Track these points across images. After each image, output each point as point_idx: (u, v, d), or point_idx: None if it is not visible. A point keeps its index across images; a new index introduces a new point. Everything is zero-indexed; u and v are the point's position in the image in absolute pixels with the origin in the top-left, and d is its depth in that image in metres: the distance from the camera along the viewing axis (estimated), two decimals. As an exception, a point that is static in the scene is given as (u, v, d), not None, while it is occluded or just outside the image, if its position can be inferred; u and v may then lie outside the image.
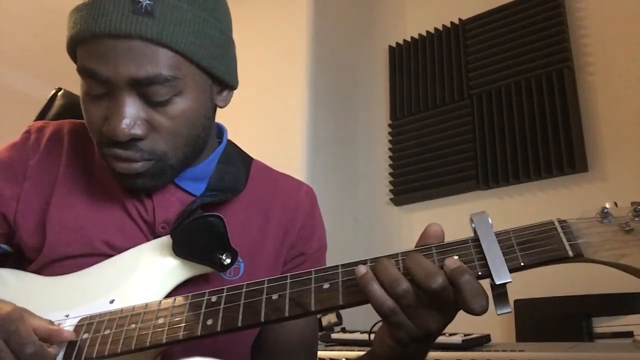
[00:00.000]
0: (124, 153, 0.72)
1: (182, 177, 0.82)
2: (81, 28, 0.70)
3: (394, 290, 0.57)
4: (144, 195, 0.81)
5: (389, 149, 2.70)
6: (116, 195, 0.81)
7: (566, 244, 0.57)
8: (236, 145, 0.94)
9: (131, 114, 0.70)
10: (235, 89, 0.84)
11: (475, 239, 0.60)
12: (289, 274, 0.65)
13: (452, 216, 1.70)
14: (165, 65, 0.70)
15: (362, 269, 0.60)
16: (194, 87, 0.74)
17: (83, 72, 0.72)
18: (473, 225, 0.61)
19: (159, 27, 0.69)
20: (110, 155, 0.74)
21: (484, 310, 0.56)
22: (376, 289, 0.58)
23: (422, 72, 2.70)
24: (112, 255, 0.76)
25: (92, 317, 0.69)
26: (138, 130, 0.71)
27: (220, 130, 0.91)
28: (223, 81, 0.79)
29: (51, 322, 0.67)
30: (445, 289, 0.56)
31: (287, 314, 0.62)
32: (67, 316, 0.71)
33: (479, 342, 1.44)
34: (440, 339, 1.18)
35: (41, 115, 1.10)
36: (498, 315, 0.59)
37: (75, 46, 0.73)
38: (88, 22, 0.69)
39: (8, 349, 0.61)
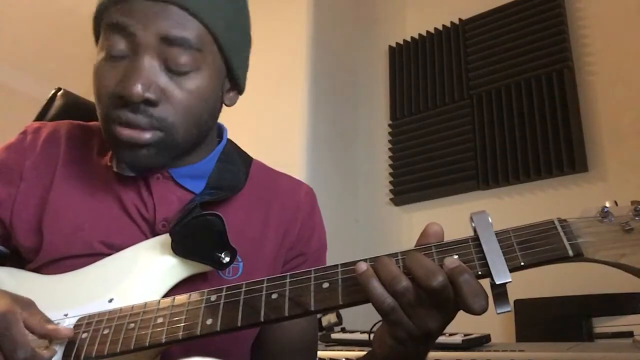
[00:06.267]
0: (133, 117, 0.71)
1: (182, 175, 0.82)
2: None
3: (394, 288, 0.57)
4: (144, 193, 0.80)
5: (389, 149, 2.70)
6: (115, 194, 0.81)
7: (566, 243, 0.57)
8: (236, 145, 0.94)
9: (149, 77, 0.71)
10: (241, 93, 0.86)
11: (475, 239, 0.60)
12: (288, 274, 0.64)
13: (452, 216, 1.70)
14: (194, 35, 0.72)
15: (362, 266, 0.59)
16: (211, 69, 0.76)
17: (111, 27, 0.72)
18: (473, 225, 0.61)
19: (198, 1, 0.72)
20: (117, 120, 0.72)
21: (483, 310, 0.55)
22: (376, 286, 0.58)
23: (422, 72, 2.70)
24: (110, 255, 0.76)
25: (90, 316, 0.69)
26: (152, 95, 0.71)
27: (220, 130, 0.91)
28: (234, 77, 0.81)
29: (49, 321, 0.67)
30: (445, 288, 0.56)
31: (286, 314, 0.61)
32: (65, 315, 0.70)
33: (479, 342, 1.44)
34: (440, 339, 1.18)
35: (41, 115, 1.10)
36: (497, 314, 0.58)
37: (108, 7, 0.73)
38: None
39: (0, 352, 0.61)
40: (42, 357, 0.63)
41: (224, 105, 0.84)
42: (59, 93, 1.12)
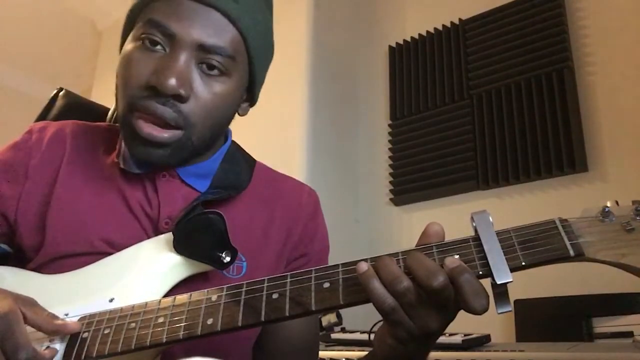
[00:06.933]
0: (161, 109, 0.72)
1: (188, 173, 0.83)
2: None
3: (395, 288, 0.57)
4: (149, 190, 0.81)
5: (389, 149, 2.70)
6: (120, 192, 0.81)
7: (567, 243, 0.57)
8: (240, 146, 0.94)
9: (183, 73, 0.72)
10: (253, 105, 0.88)
11: (476, 238, 0.60)
12: (289, 273, 0.64)
13: (452, 216, 1.70)
14: (231, 44, 0.75)
15: (363, 266, 0.59)
16: (238, 77, 0.78)
17: (151, 23, 0.73)
18: (474, 224, 0.61)
19: (239, 11, 0.75)
20: (143, 111, 0.72)
21: (484, 309, 0.55)
22: (377, 286, 0.58)
23: (422, 72, 2.70)
24: (112, 254, 0.76)
25: (91, 315, 0.69)
26: (184, 91, 0.72)
27: (226, 131, 0.91)
28: (253, 89, 0.83)
29: (56, 317, 0.67)
30: (445, 288, 0.56)
31: (287, 314, 0.61)
32: (66, 315, 0.70)
33: (479, 342, 1.44)
34: (440, 339, 1.17)
35: (42, 116, 1.10)
36: (498, 314, 0.58)
37: (150, 2, 0.74)
38: None
39: (1, 352, 0.61)
40: (43, 357, 0.63)
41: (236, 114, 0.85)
42: (61, 93, 1.12)
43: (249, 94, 0.85)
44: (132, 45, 0.75)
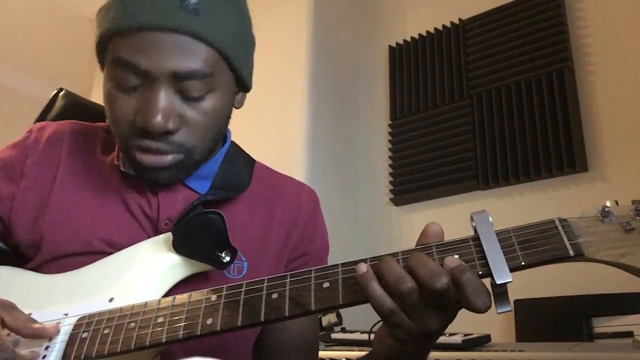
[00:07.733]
0: (155, 144, 0.72)
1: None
2: (124, 19, 0.69)
3: (399, 289, 0.57)
4: (149, 192, 0.81)
5: (389, 149, 2.70)
6: (119, 193, 0.81)
7: (567, 243, 0.57)
8: (239, 147, 0.94)
9: (167, 108, 0.71)
10: (248, 91, 0.86)
11: (476, 238, 0.60)
12: (288, 273, 0.64)
13: (452, 216, 1.70)
14: (206, 62, 0.71)
15: (362, 268, 0.59)
16: (224, 85, 0.76)
17: (120, 62, 0.71)
18: (473, 224, 0.61)
19: (204, 24, 0.71)
20: (138, 148, 0.73)
21: (487, 308, 0.55)
22: (376, 288, 0.58)
23: (422, 72, 2.70)
24: (111, 254, 0.76)
25: (91, 315, 0.69)
26: (171, 125, 0.72)
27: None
28: (244, 82, 0.81)
29: (34, 320, 0.67)
30: (448, 289, 0.56)
31: (286, 313, 0.61)
32: (66, 315, 0.70)
33: (479, 342, 1.44)
34: (440, 339, 1.17)
35: (42, 116, 1.10)
36: (498, 313, 0.58)
37: (112, 37, 0.72)
38: (134, 14, 0.69)
39: None
40: (23, 358, 0.63)
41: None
42: (61, 93, 1.12)
43: (240, 86, 0.83)
44: (109, 84, 0.74)
